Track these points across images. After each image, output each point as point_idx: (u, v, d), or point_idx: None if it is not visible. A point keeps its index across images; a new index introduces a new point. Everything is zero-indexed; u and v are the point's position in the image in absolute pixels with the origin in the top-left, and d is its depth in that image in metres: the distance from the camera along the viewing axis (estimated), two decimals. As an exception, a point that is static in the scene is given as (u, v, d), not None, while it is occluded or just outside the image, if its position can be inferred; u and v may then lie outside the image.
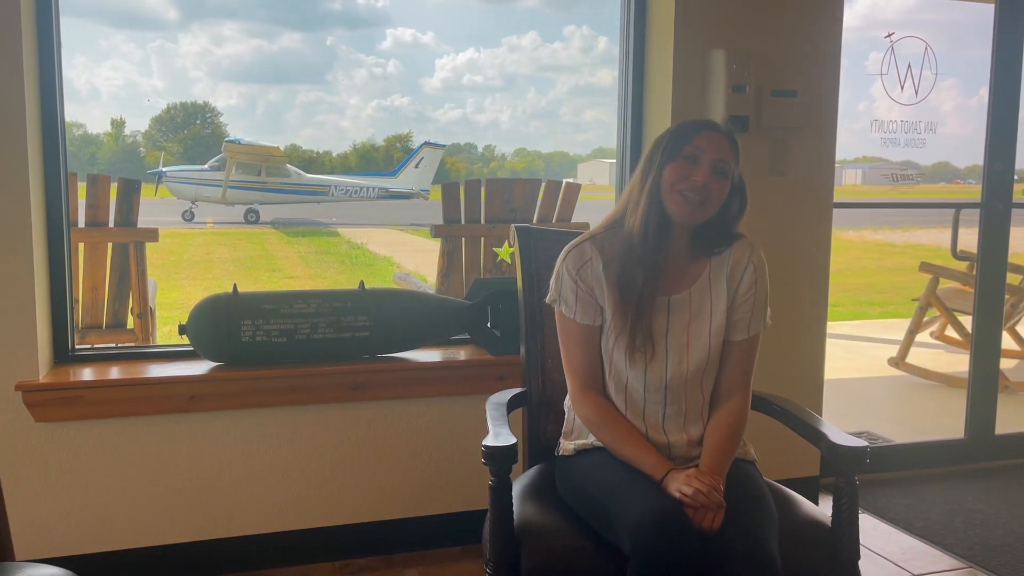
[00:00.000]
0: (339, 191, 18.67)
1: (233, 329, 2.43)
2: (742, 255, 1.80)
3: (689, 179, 1.69)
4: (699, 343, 1.77)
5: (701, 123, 1.76)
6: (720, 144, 1.72)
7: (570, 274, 1.79)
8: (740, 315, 1.79)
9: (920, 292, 5.15)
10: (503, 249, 3.76)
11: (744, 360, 1.81)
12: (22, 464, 2.35)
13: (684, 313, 1.77)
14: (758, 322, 1.81)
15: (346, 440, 2.59)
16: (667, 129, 1.78)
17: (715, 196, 1.71)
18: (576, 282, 1.78)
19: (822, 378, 3.09)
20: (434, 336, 2.70)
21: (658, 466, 1.66)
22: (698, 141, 1.70)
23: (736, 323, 1.79)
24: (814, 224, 2.97)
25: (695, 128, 1.73)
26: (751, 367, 1.82)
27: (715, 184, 1.70)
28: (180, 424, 2.45)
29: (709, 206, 1.72)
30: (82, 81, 24.64)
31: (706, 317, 1.77)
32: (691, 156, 1.70)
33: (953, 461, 3.49)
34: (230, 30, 26.51)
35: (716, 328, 1.78)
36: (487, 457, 1.64)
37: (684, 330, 1.77)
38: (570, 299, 1.79)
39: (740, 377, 1.80)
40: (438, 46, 29.78)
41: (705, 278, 1.79)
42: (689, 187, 1.69)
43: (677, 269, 1.79)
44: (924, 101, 3.59)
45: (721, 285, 1.79)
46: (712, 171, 1.69)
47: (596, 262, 1.77)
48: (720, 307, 1.78)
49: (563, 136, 29.99)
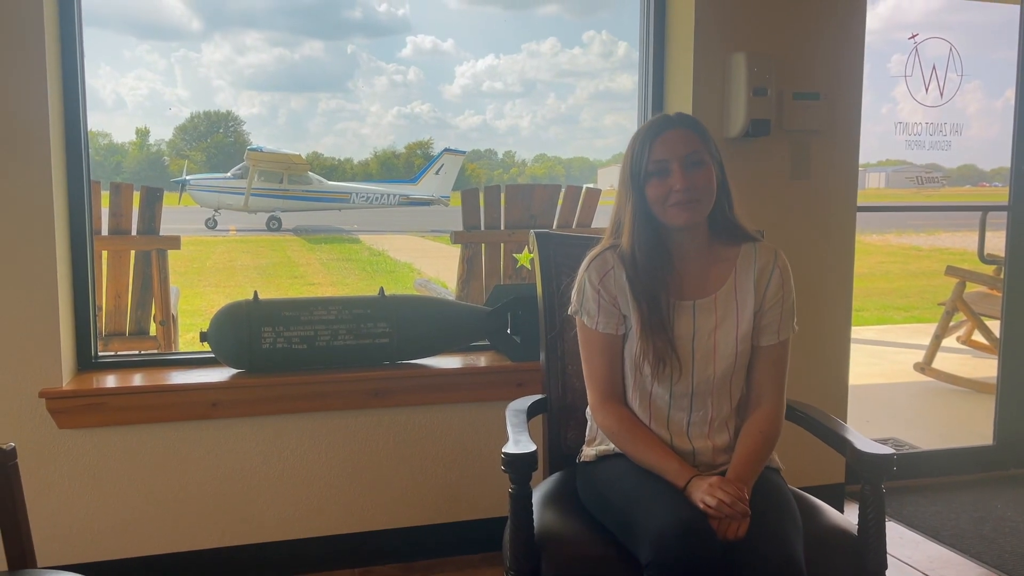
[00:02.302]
0: (360, 198, 18.80)
1: (254, 336, 2.43)
2: (768, 260, 1.78)
3: (670, 190, 1.68)
4: (726, 348, 1.74)
5: (653, 130, 1.71)
6: (678, 139, 1.69)
7: (592, 284, 1.77)
8: (769, 319, 1.77)
9: (946, 296, 5.08)
10: (523, 255, 3.75)
11: (775, 366, 1.78)
12: (45, 471, 2.37)
13: (710, 318, 1.75)
14: (787, 327, 1.78)
15: (366, 447, 2.59)
16: (630, 143, 1.74)
17: (703, 186, 1.69)
18: (599, 292, 1.76)
19: (847, 384, 3.05)
20: (454, 343, 2.69)
21: (680, 473, 1.63)
22: (657, 153, 1.68)
23: (765, 327, 1.77)
24: (837, 228, 2.94)
25: (649, 140, 1.70)
26: (783, 374, 1.79)
27: (696, 177, 1.68)
28: (202, 431, 2.47)
29: (704, 199, 1.70)
30: (107, 91, 24.99)
31: (732, 322, 1.75)
32: (659, 171, 1.69)
33: (982, 468, 3.43)
34: (252, 39, 26.80)
35: (743, 333, 1.75)
36: (507, 465, 1.63)
37: (710, 335, 1.74)
38: (592, 309, 1.78)
39: (771, 383, 1.77)
40: (458, 53, 29.89)
41: (731, 282, 1.77)
42: (676, 198, 1.68)
43: (700, 273, 1.77)
44: (949, 103, 3.55)
45: (748, 290, 1.76)
46: (685, 169, 1.68)
47: (619, 271, 1.75)
48: (747, 312, 1.76)
49: (583, 141, 30.01)
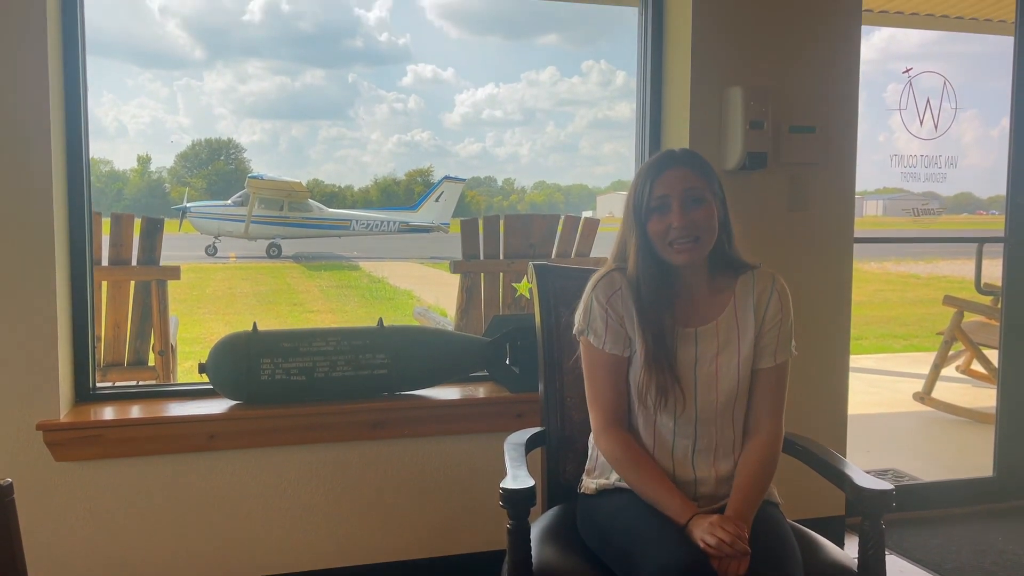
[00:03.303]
0: (360, 225, 18.85)
1: (252, 368, 2.43)
2: (766, 284, 1.79)
3: (669, 228, 1.69)
4: (728, 374, 1.75)
5: (656, 167, 1.73)
6: (678, 177, 1.70)
7: (600, 303, 1.77)
8: (766, 342, 1.78)
9: (945, 325, 5.08)
10: (522, 284, 3.76)
11: (772, 389, 1.78)
12: (41, 504, 2.36)
13: (712, 344, 1.75)
14: (785, 349, 1.79)
15: (364, 479, 2.58)
16: (635, 178, 1.77)
17: (703, 225, 1.70)
18: (607, 310, 1.77)
19: (846, 415, 3.04)
20: (453, 374, 2.69)
21: (682, 510, 1.63)
22: (658, 189, 1.70)
23: (763, 349, 1.77)
24: (835, 260, 2.95)
25: (651, 177, 1.72)
26: (781, 397, 1.79)
27: (696, 215, 1.70)
28: (200, 463, 2.46)
29: (704, 238, 1.71)
30: (110, 118, 25.11)
31: (734, 348, 1.76)
32: (660, 207, 1.70)
33: (982, 500, 3.41)
34: (254, 68, 26.98)
35: (744, 358, 1.76)
36: (505, 500, 1.63)
37: (712, 361, 1.75)
38: (599, 328, 1.77)
39: (769, 407, 1.77)
40: (458, 82, 30.08)
41: (731, 308, 1.78)
42: (675, 236, 1.69)
43: (701, 301, 1.78)
44: (944, 135, 3.57)
45: (748, 315, 1.77)
46: (684, 207, 1.69)
47: (626, 292, 1.76)
48: (748, 337, 1.76)
49: (582, 169, 30.16)
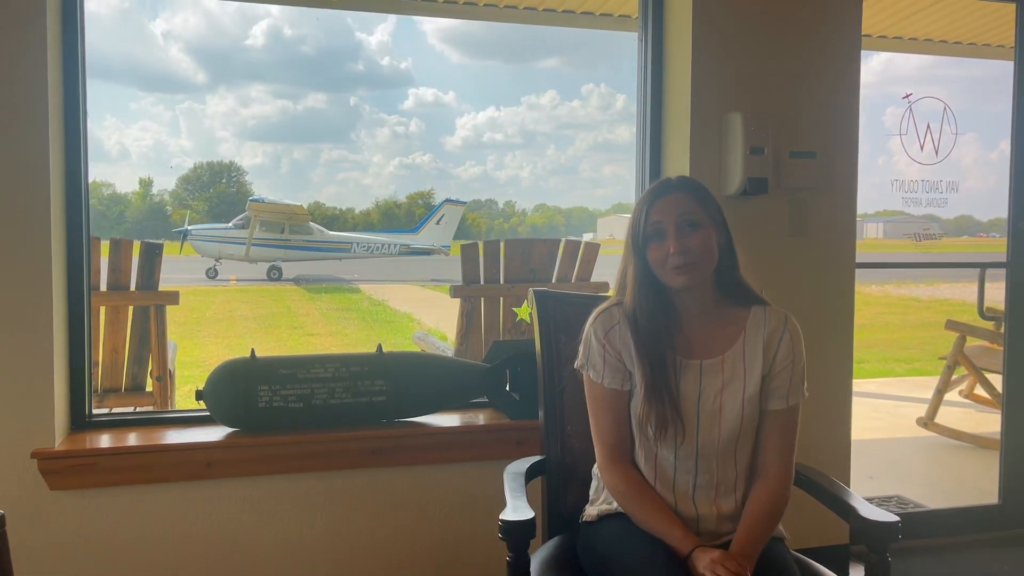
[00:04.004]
0: (361, 248, 18.92)
1: (250, 395, 2.41)
2: (778, 324, 1.76)
3: (667, 255, 1.68)
4: (732, 410, 1.71)
5: (651, 196, 1.73)
6: (673, 203, 1.70)
7: (598, 338, 1.76)
8: (778, 383, 1.74)
9: (947, 349, 5.06)
10: (522, 308, 3.75)
11: (783, 432, 1.74)
12: (34, 534, 2.33)
13: (716, 379, 1.72)
14: (797, 392, 1.75)
15: (363, 507, 2.55)
16: (634, 209, 1.76)
17: (699, 249, 1.69)
18: (604, 346, 1.75)
19: (849, 442, 3.01)
20: (452, 400, 2.67)
21: (684, 542, 1.60)
22: (654, 216, 1.70)
23: (774, 391, 1.74)
24: (836, 285, 2.93)
25: (646, 206, 1.72)
26: (792, 441, 1.75)
27: (691, 240, 1.68)
28: (196, 491, 2.43)
29: (702, 262, 1.69)
30: (112, 142, 25.23)
31: (739, 384, 1.72)
32: (656, 234, 1.70)
33: (988, 528, 3.37)
34: (257, 92, 27.14)
35: (750, 396, 1.72)
36: (504, 532, 1.60)
37: (716, 396, 1.71)
38: (598, 363, 1.76)
39: (779, 450, 1.73)
40: (459, 105, 30.25)
41: (740, 344, 1.74)
42: (673, 261, 1.68)
43: (708, 333, 1.75)
44: (945, 160, 3.57)
45: (756, 352, 1.74)
46: (680, 232, 1.68)
47: (624, 327, 1.74)
48: (755, 375, 1.73)
49: (582, 191, 30.26)
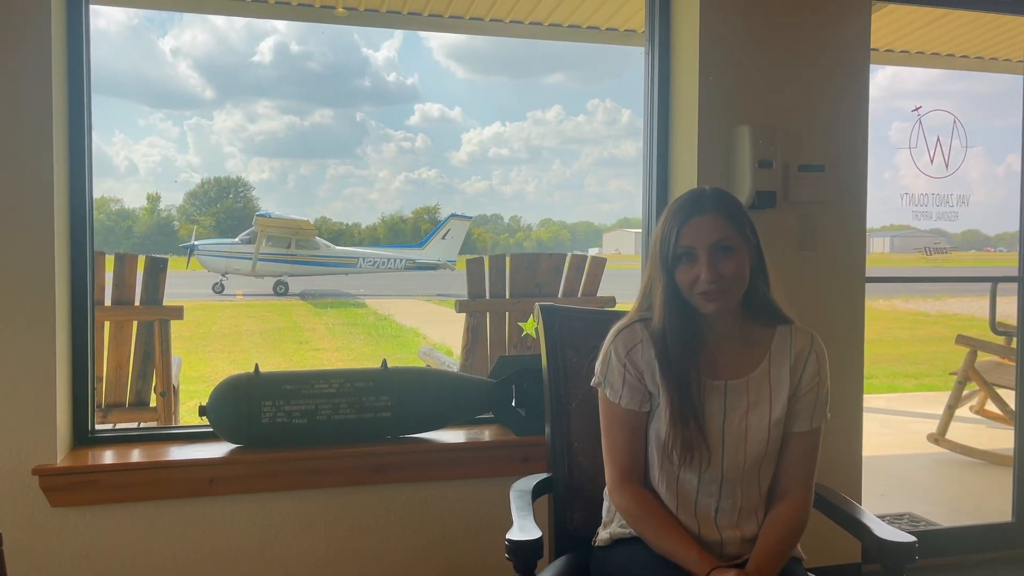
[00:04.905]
0: (367, 263, 18.95)
1: (254, 411, 2.39)
2: (805, 344, 1.71)
3: (697, 279, 1.61)
4: (758, 433, 1.66)
5: (683, 213, 1.63)
6: (707, 226, 1.61)
7: (619, 356, 1.70)
8: (803, 405, 1.69)
9: (956, 364, 5.01)
10: (528, 323, 3.72)
11: (805, 454, 1.70)
12: (35, 551, 2.30)
13: (742, 400, 1.67)
14: (820, 414, 1.71)
15: (367, 524, 2.52)
16: (662, 219, 1.68)
17: (731, 276, 1.61)
18: (625, 365, 1.69)
19: (860, 458, 2.97)
20: (458, 416, 2.64)
21: (701, 564, 1.56)
22: (685, 239, 1.61)
23: (799, 413, 1.69)
24: (846, 299, 2.90)
25: (678, 224, 1.62)
26: (813, 463, 1.71)
27: (724, 266, 1.61)
28: (199, 508, 2.40)
29: (733, 287, 1.62)
30: (120, 157, 25.41)
31: (766, 407, 1.67)
32: (687, 255, 1.62)
33: (1001, 546, 3.32)
34: (264, 108, 27.32)
35: (776, 418, 1.67)
36: (511, 552, 1.57)
37: (742, 418, 1.66)
38: (616, 383, 1.70)
39: (800, 472, 1.69)
40: (465, 120, 30.40)
41: (766, 365, 1.69)
42: (702, 287, 1.60)
43: (732, 352, 1.69)
44: (954, 174, 3.54)
45: (783, 373, 1.69)
46: (712, 258, 1.60)
47: (647, 346, 1.68)
48: (781, 397, 1.68)
49: (588, 206, 30.32)
